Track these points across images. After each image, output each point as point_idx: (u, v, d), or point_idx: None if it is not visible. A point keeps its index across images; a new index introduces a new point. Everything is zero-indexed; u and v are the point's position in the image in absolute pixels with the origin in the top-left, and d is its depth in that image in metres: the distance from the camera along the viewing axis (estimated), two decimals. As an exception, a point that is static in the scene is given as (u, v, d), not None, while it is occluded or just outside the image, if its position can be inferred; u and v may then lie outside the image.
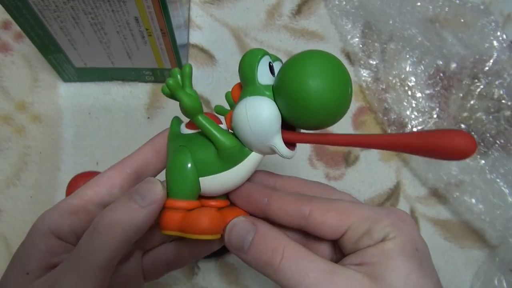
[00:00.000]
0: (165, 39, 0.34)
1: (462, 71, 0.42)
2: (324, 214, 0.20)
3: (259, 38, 0.44)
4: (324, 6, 0.46)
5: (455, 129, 0.16)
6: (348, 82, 0.19)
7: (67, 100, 0.40)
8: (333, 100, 0.18)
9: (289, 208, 0.21)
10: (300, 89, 0.18)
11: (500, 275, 0.36)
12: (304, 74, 0.18)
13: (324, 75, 0.18)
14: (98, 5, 0.30)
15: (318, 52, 0.19)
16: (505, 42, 0.42)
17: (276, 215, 0.22)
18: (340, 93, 0.18)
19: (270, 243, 0.20)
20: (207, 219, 0.21)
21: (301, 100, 0.18)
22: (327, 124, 0.19)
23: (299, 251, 0.19)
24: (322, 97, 0.18)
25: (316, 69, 0.18)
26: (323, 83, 0.18)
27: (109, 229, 0.18)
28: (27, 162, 0.37)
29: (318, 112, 0.18)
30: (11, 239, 0.35)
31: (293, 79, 0.18)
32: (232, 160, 0.21)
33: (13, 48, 0.41)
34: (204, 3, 0.45)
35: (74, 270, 0.18)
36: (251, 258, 0.20)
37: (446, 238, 0.39)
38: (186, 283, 0.35)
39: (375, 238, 0.19)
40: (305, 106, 0.18)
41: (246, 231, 0.20)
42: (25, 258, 0.19)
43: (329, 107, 0.18)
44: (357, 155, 0.41)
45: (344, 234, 0.21)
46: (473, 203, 0.38)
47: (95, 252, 0.18)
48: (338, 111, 0.19)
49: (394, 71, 0.42)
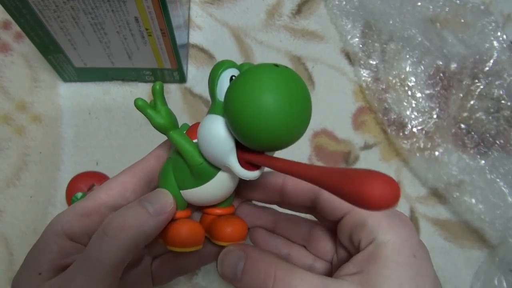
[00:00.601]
0: (165, 39, 0.34)
1: (462, 71, 0.42)
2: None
3: (259, 38, 0.44)
4: (324, 6, 0.46)
5: (375, 172, 0.13)
6: (297, 100, 0.16)
7: (67, 100, 0.40)
8: (272, 118, 0.16)
9: (303, 184, 0.21)
10: (237, 106, 0.17)
11: (500, 275, 0.36)
12: (243, 91, 0.17)
13: (263, 92, 0.16)
14: (98, 5, 0.30)
15: (264, 67, 0.17)
16: (505, 42, 0.42)
17: (291, 192, 0.22)
18: (282, 110, 0.16)
19: (261, 268, 0.19)
20: (185, 232, 0.21)
21: (238, 118, 0.17)
22: (278, 144, 0.17)
23: (291, 272, 0.19)
24: (259, 116, 0.16)
25: (256, 85, 0.16)
26: (260, 101, 0.16)
27: (118, 233, 0.19)
28: (27, 162, 0.37)
29: (257, 131, 0.16)
30: (11, 239, 0.35)
31: (231, 96, 0.17)
32: (203, 176, 0.21)
33: (13, 48, 0.41)
34: (204, 3, 0.45)
35: (84, 272, 0.18)
36: (245, 285, 0.20)
37: (446, 238, 0.39)
38: (186, 283, 0.35)
39: (368, 233, 0.19)
40: (243, 125, 0.17)
41: (236, 259, 0.20)
42: (38, 258, 0.20)
43: (270, 126, 0.16)
44: (357, 155, 0.41)
45: (343, 217, 0.21)
46: (473, 203, 0.38)
47: (104, 255, 0.18)
48: (283, 129, 0.16)
49: (394, 71, 0.42)
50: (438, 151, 0.40)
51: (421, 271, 0.19)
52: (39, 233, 0.35)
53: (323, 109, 0.42)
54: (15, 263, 0.34)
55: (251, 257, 0.20)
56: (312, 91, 0.43)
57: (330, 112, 0.42)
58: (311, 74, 0.43)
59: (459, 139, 0.40)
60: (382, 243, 0.19)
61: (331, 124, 0.42)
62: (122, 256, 0.19)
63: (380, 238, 0.19)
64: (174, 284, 0.35)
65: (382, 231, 0.19)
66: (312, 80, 0.43)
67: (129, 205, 0.20)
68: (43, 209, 0.36)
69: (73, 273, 0.18)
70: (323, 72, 0.44)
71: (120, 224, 0.19)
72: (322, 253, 0.25)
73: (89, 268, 0.18)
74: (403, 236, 0.19)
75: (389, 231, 0.19)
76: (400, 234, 0.19)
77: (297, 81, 0.17)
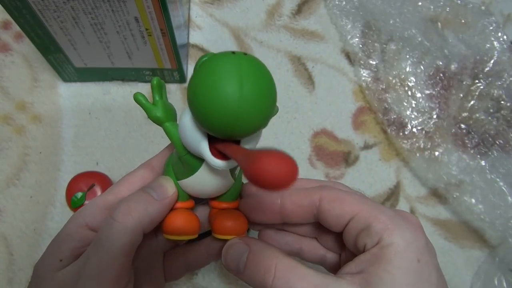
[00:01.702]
0: (165, 39, 0.34)
1: (463, 72, 0.42)
2: (331, 202, 0.21)
3: (259, 38, 0.44)
4: (324, 6, 0.46)
5: (274, 151, 0.13)
6: (250, 86, 0.16)
7: (67, 100, 0.40)
8: (220, 104, 0.16)
9: (302, 201, 0.22)
10: (191, 95, 0.17)
11: (500, 275, 0.36)
12: (195, 80, 0.17)
13: (212, 79, 0.16)
14: (98, 5, 0.30)
15: (218, 55, 0.17)
16: (505, 43, 0.42)
17: (292, 212, 0.22)
18: (230, 96, 0.15)
19: (262, 262, 0.20)
20: (179, 221, 0.22)
21: (193, 106, 0.17)
22: (233, 131, 0.16)
23: (291, 268, 0.19)
24: (209, 102, 0.16)
25: (206, 73, 0.16)
26: (208, 88, 0.16)
27: (125, 217, 0.20)
28: (27, 162, 0.37)
29: (209, 118, 0.16)
30: (11, 239, 0.35)
31: (189, 85, 0.17)
32: (190, 167, 0.22)
33: (13, 48, 0.41)
34: (204, 3, 0.45)
35: (97, 254, 0.20)
36: (247, 278, 0.20)
37: (446, 238, 0.39)
38: (186, 283, 0.35)
39: (373, 237, 0.19)
40: (197, 112, 0.17)
41: (240, 252, 0.21)
42: (61, 246, 0.21)
43: (218, 112, 0.16)
44: (357, 155, 0.41)
45: (346, 225, 0.21)
46: (473, 203, 0.38)
47: (114, 238, 0.20)
48: (233, 115, 0.16)
49: (394, 71, 0.42)
50: (438, 151, 0.40)
51: (423, 277, 0.18)
52: (39, 233, 0.35)
53: (323, 109, 0.42)
54: (15, 263, 0.34)
55: (253, 250, 0.21)
56: (312, 91, 0.43)
57: (330, 112, 0.42)
58: (311, 74, 0.43)
59: (459, 139, 0.40)
60: (386, 246, 0.19)
61: (331, 124, 0.42)
62: (131, 238, 0.20)
63: (384, 240, 0.19)
64: (174, 284, 0.35)
65: (387, 234, 0.19)
66: (312, 80, 0.43)
67: (134, 192, 0.22)
68: (43, 209, 0.36)
69: (88, 256, 0.20)
70: (323, 72, 0.44)
71: (126, 209, 0.20)
72: (332, 246, 0.25)
73: (101, 251, 0.20)
74: (409, 239, 0.19)
75: (394, 233, 0.19)
76: (406, 237, 0.19)
77: (253, 67, 0.16)
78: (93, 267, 0.19)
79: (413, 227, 0.20)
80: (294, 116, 0.41)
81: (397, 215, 0.20)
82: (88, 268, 0.19)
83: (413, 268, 0.18)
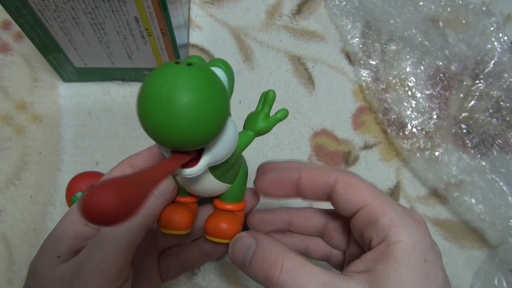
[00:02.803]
0: (165, 39, 0.34)
1: (463, 72, 0.42)
2: (346, 187, 0.21)
3: (259, 38, 0.44)
4: (324, 6, 0.46)
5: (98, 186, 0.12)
6: (181, 97, 0.15)
7: (67, 100, 0.40)
8: (149, 117, 0.15)
9: (318, 179, 0.22)
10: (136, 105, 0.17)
11: (500, 275, 0.36)
12: (140, 91, 0.16)
13: (144, 92, 0.16)
14: (98, 5, 0.30)
15: (160, 67, 0.16)
16: (506, 43, 0.42)
17: (307, 187, 0.23)
18: (158, 109, 0.15)
19: (269, 257, 0.20)
20: (170, 215, 0.22)
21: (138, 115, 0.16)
22: (170, 141, 0.16)
23: (298, 264, 0.19)
24: (142, 115, 0.16)
25: (144, 85, 0.16)
26: (140, 100, 0.16)
27: None
28: (27, 162, 0.37)
29: (146, 129, 0.16)
30: (11, 239, 0.35)
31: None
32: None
33: (13, 48, 0.41)
34: (204, 3, 0.45)
35: (100, 249, 0.20)
36: (253, 272, 0.20)
37: (446, 238, 0.39)
38: (186, 283, 0.35)
39: (379, 232, 0.19)
40: (141, 123, 0.16)
41: (247, 246, 0.21)
42: (57, 243, 0.21)
43: (150, 124, 0.16)
44: (357, 155, 0.41)
45: (355, 214, 0.21)
46: (473, 203, 0.38)
47: (118, 234, 0.20)
48: (162, 127, 0.15)
49: (394, 71, 0.42)
50: (438, 151, 0.40)
51: (430, 276, 0.18)
52: (39, 233, 0.35)
53: (323, 109, 0.42)
54: (15, 263, 0.34)
55: (260, 244, 0.21)
56: (312, 91, 0.43)
57: (330, 112, 0.42)
58: (311, 74, 0.43)
59: (459, 139, 0.40)
60: (393, 243, 0.19)
61: (331, 124, 0.42)
62: (134, 234, 0.20)
63: (391, 237, 0.19)
64: (174, 284, 0.35)
65: (394, 231, 0.19)
66: (312, 80, 0.43)
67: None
68: (43, 209, 0.36)
69: (90, 250, 0.20)
70: (323, 72, 0.44)
71: None
72: (337, 244, 0.25)
73: (105, 245, 0.20)
74: (415, 237, 0.19)
75: (401, 231, 0.19)
76: (413, 236, 0.19)
77: (190, 77, 0.16)
78: (96, 261, 0.20)
79: (419, 226, 0.20)
80: (294, 116, 0.41)
81: (405, 212, 0.20)
82: (90, 262, 0.20)
83: (421, 267, 0.18)
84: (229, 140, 0.19)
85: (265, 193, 0.25)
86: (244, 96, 0.41)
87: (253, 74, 0.43)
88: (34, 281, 0.21)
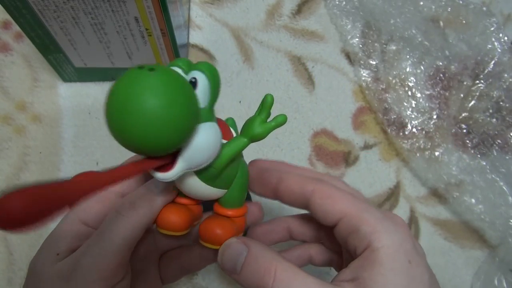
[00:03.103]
0: (165, 39, 0.34)
1: (463, 72, 0.42)
2: (323, 198, 0.21)
3: (259, 38, 0.44)
4: (324, 6, 0.46)
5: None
6: (138, 103, 0.15)
7: (67, 100, 0.40)
8: (111, 122, 0.15)
9: (295, 187, 0.22)
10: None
11: (500, 275, 0.36)
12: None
13: (108, 97, 0.16)
14: (98, 5, 0.30)
15: (126, 72, 0.16)
16: (506, 44, 0.42)
17: (283, 194, 0.23)
18: (117, 114, 0.15)
19: (262, 264, 0.19)
20: (168, 215, 0.22)
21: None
22: (131, 146, 0.16)
23: (291, 272, 0.19)
24: (106, 118, 0.16)
25: (112, 87, 0.16)
26: (106, 104, 0.16)
27: (131, 212, 0.21)
28: (27, 162, 0.37)
29: (111, 132, 0.16)
30: (11, 239, 0.35)
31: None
32: None
33: (13, 48, 0.41)
34: (204, 3, 0.45)
35: (98, 246, 0.20)
36: (244, 280, 0.20)
37: (446, 238, 0.39)
38: (186, 283, 0.35)
39: (362, 240, 0.19)
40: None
41: (238, 252, 0.21)
42: (56, 241, 0.21)
43: (112, 129, 0.16)
44: (357, 155, 0.41)
45: (336, 225, 0.21)
46: (473, 203, 0.38)
47: (117, 232, 0.20)
48: (121, 132, 0.15)
49: (394, 71, 0.42)
50: (438, 151, 0.40)
51: (416, 277, 0.19)
52: (39, 233, 0.35)
53: (323, 109, 0.42)
54: (15, 263, 0.34)
55: (252, 251, 0.20)
56: (312, 91, 0.43)
57: (330, 112, 0.42)
58: (311, 74, 0.43)
59: (459, 139, 0.40)
60: (377, 249, 0.19)
61: (331, 124, 0.42)
62: (133, 233, 0.21)
63: (374, 243, 0.19)
64: (174, 284, 0.35)
65: (375, 236, 0.19)
66: (312, 80, 0.43)
67: (138, 189, 0.22)
68: (43, 209, 0.36)
69: (88, 248, 0.20)
70: (323, 72, 0.44)
71: (132, 205, 0.21)
72: (336, 248, 0.25)
73: (103, 243, 0.20)
74: (398, 241, 0.19)
75: (383, 236, 0.19)
76: (395, 239, 0.19)
77: (149, 83, 0.15)
78: (93, 257, 0.20)
79: (400, 228, 0.20)
80: (294, 116, 0.41)
81: (385, 217, 0.20)
82: (88, 258, 0.20)
83: (406, 269, 0.19)
84: (204, 146, 0.18)
85: (250, 189, 0.25)
86: (244, 96, 0.41)
87: (253, 74, 0.43)
88: (33, 278, 0.21)
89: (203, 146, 0.18)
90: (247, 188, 0.25)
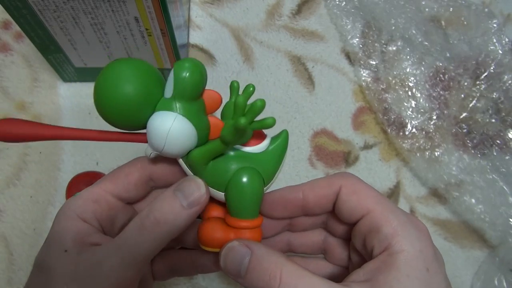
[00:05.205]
0: (165, 39, 0.34)
1: (463, 73, 0.42)
2: (350, 194, 0.21)
3: (259, 38, 0.44)
4: (324, 6, 0.46)
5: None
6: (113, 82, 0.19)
7: (67, 100, 0.40)
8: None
9: (324, 191, 0.22)
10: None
11: (500, 275, 0.36)
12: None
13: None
14: (98, 5, 0.30)
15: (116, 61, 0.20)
16: (507, 45, 0.42)
17: (315, 203, 0.22)
18: (96, 93, 0.19)
19: (267, 267, 0.19)
20: (215, 233, 0.22)
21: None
22: (113, 122, 0.20)
23: (298, 275, 0.19)
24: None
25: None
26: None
27: (155, 227, 0.20)
28: (27, 162, 0.37)
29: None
30: (11, 239, 0.35)
31: None
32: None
33: (13, 48, 0.41)
34: (204, 3, 0.45)
35: (119, 256, 0.20)
36: (249, 283, 0.20)
37: (446, 238, 0.39)
38: (186, 283, 0.35)
39: (381, 241, 0.19)
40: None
41: (241, 255, 0.20)
42: (60, 238, 0.21)
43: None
44: (357, 155, 0.41)
45: (358, 222, 0.21)
46: (473, 203, 0.38)
47: (140, 245, 0.20)
48: (99, 108, 0.19)
49: (394, 71, 0.42)
50: (438, 151, 0.40)
51: (432, 286, 0.18)
52: (39, 233, 0.35)
53: (323, 109, 0.42)
54: (15, 263, 0.34)
55: (256, 254, 0.20)
56: (312, 91, 0.43)
57: (330, 112, 0.42)
58: (311, 74, 0.43)
59: (459, 139, 0.40)
60: (395, 253, 0.18)
61: (331, 124, 0.42)
62: (155, 247, 0.20)
63: (394, 247, 0.19)
64: (174, 284, 0.35)
65: (396, 240, 0.19)
66: (312, 80, 0.43)
67: (164, 195, 0.21)
68: (43, 209, 0.36)
69: (108, 255, 0.20)
70: (323, 72, 0.44)
71: (158, 219, 0.20)
72: (339, 260, 0.25)
73: (124, 253, 0.20)
74: (418, 247, 0.19)
75: (403, 240, 0.19)
76: (415, 245, 0.19)
77: (113, 72, 0.19)
78: (112, 265, 0.19)
79: (422, 235, 0.20)
80: (294, 116, 0.41)
81: (408, 221, 0.20)
82: (107, 266, 0.19)
83: (423, 277, 0.18)
84: (152, 131, 0.20)
85: (269, 216, 0.24)
86: (244, 96, 0.41)
87: (253, 74, 0.43)
88: (42, 273, 0.20)
89: (152, 130, 0.20)
90: (261, 200, 0.23)
